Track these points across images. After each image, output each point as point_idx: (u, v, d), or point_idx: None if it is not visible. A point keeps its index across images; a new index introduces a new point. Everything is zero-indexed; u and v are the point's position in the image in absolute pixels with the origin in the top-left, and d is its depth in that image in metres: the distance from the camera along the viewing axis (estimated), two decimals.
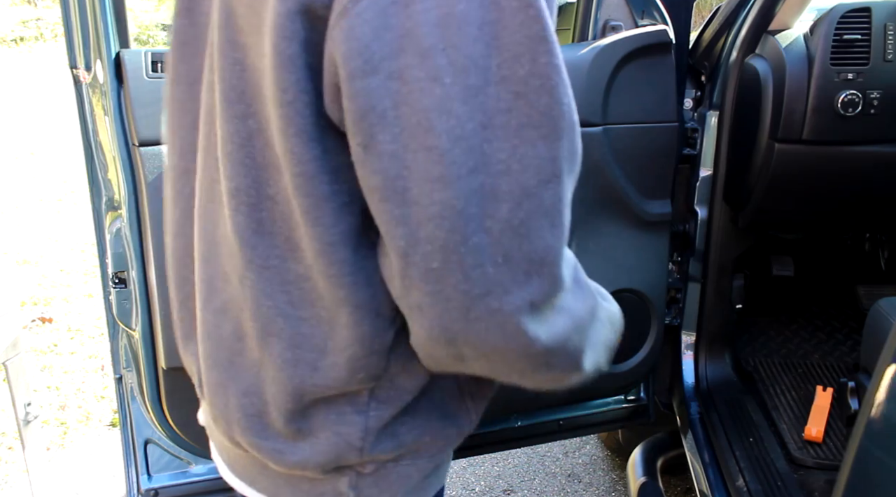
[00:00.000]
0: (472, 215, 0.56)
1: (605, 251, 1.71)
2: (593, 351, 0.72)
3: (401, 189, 0.56)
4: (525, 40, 0.56)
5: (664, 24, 1.66)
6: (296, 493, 0.78)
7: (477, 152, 0.55)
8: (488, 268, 0.57)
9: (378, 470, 0.75)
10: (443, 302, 0.58)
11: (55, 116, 6.80)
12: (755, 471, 1.66)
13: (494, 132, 0.56)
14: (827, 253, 2.38)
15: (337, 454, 0.72)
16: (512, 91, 0.56)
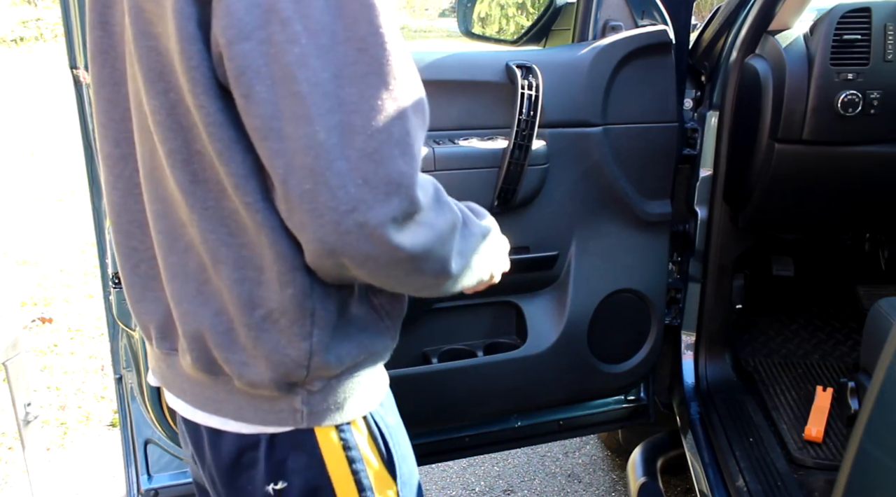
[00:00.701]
0: (333, 145, 0.71)
1: (605, 251, 1.71)
2: (461, 257, 0.86)
3: (276, 128, 0.72)
4: (360, 7, 0.72)
5: (664, 24, 1.66)
6: (258, 412, 0.91)
7: (332, 96, 0.71)
8: (350, 188, 0.72)
9: (324, 387, 0.91)
10: (317, 218, 0.73)
11: (55, 116, 6.80)
12: (755, 471, 1.66)
13: (345, 80, 0.72)
14: (827, 253, 2.38)
15: (286, 372, 0.87)
16: (356, 47, 0.72)
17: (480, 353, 1.70)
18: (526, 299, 1.71)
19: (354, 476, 0.96)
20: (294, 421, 0.92)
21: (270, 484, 0.94)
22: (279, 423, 0.92)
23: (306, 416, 0.92)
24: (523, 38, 2.15)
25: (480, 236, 0.93)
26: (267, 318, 0.85)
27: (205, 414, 0.96)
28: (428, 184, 0.81)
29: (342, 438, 0.95)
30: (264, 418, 0.93)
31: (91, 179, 1.57)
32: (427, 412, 1.71)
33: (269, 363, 0.87)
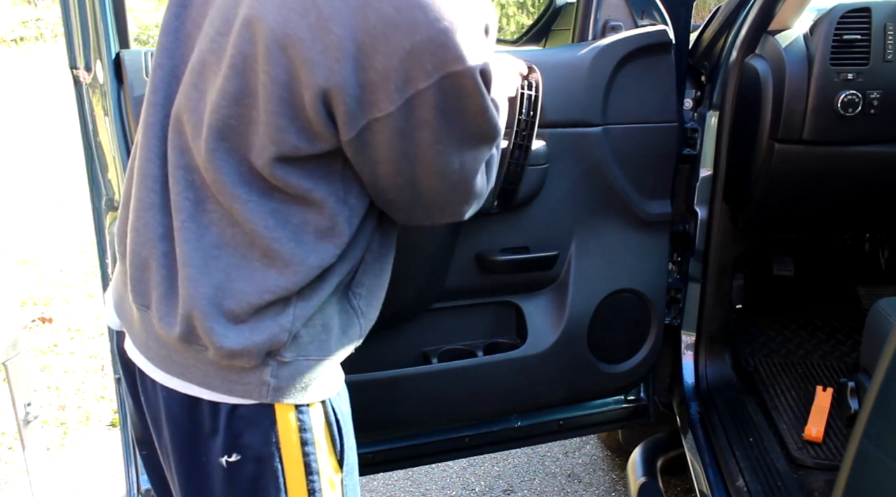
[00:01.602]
0: (450, 193, 1.02)
1: (605, 251, 1.71)
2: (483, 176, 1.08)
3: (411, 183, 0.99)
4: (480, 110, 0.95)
5: (664, 24, 1.66)
6: (224, 382, 0.98)
7: (458, 172, 0.99)
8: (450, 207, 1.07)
9: (293, 360, 0.98)
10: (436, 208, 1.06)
11: (55, 116, 6.80)
12: (755, 471, 1.67)
13: (467, 158, 0.99)
14: (827, 253, 2.38)
15: (271, 338, 0.96)
16: (477, 138, 0.98)
17: (480, 353, 1.70)
18: (526, 299, 1.71)
19: (304, 458, 1.01)
20: (260, 394, 0.98)
21: (224, 456, 1.00)
22: (245, 394, 0.98)
23: (272, 390, 0.98)
24: (523, 38, 2.15)
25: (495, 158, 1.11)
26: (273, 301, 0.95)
27: (167, 375, 1.01)
28: (488, 177, 1.07)
29: (300, 420, 1.01)
30: (230, 388, 0.98)
31: (91, 179, 1.57)
32: (427, 412, 1.71)
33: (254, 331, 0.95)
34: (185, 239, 0.95)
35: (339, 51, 0.85)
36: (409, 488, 2.38)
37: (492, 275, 1.64)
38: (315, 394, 1.02)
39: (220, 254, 0.95)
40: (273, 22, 0.86)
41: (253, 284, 0.95)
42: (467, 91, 0.90)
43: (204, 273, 0.95)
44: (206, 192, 0.95)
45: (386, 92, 0.87)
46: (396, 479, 2.40)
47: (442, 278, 1.60)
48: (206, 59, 0.93)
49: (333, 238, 0.97)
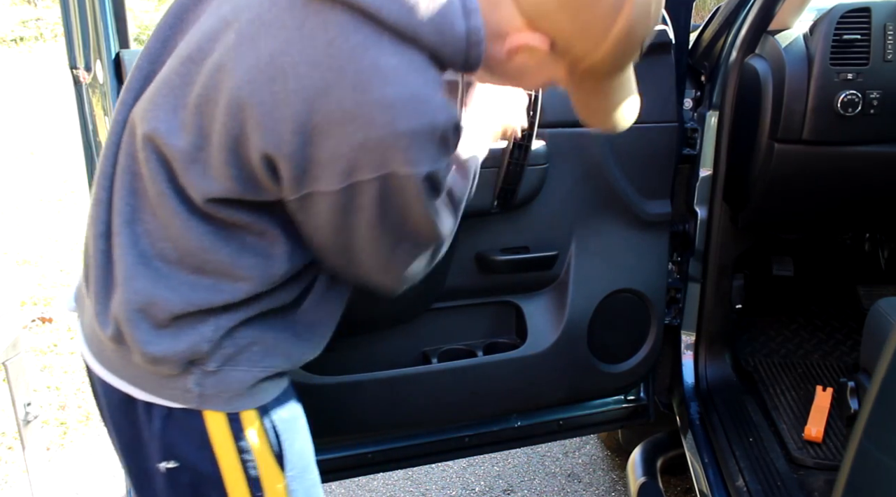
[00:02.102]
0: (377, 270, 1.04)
1: (605, 251, 1.71)
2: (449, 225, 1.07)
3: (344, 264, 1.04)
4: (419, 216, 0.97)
5: (664, 24, 1.66)
6: (152, 383, 1.00)
7: (388, 257, 1.00)
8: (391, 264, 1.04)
9: (219, 370, 0.99)
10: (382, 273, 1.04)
11: (55, 116, 6.79)
12: (755, 471, 1.66)
13: (398, 254, 1.01)
14: (827, 253, 2.38)
15: (192, 348, 0.97)
16: (411, 241, 1.01)
17: (480, 353, 1.70)
18: (526, 299, 1.71)
19: (243, 465, 1.03)
20: (185, 400, 1.00)
21: (163, 462, 1.02)
22: (172, 398, 1.00)
23: (197, 397, 1.00)
24: None
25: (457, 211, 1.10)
26: (199, 311, 0.97)
27: (105, 371, 1.04)
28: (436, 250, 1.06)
29: (232, 428, 1.02)
30: (159, 390, 1.00)
31: (91, 179, 1.57)
32: (427, 412, 1.71)
33: (175, 340, 0.97)
34: (119, 243, 0.98)
35: (294, 123, 0.86)
36: (409, 488, 2.38)
37: (492, 275, 1.64)
38: (246, 402, 1.03)
39: (148, 263, 0.97)
40: (240, 79, 0.88)
41: (178, 296, 0.96)
42: (409, 194, 0.91)
43: (132, 279, 0.96)
44: (146, 203, 0.97)
45: (331, 172, 0.88)
46: (396, 479, 2.40)
47: (442, 278, 1.60)
48: (171, 80, 0.94)
49: (271, 267, 0.98)
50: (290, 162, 0.89)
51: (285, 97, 0.86)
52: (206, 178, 0.92)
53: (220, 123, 0.89)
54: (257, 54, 0.87)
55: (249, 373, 1.01)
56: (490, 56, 0.94)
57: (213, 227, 0.95)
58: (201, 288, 0.97)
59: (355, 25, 0.85)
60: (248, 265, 0.97)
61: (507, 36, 0.93)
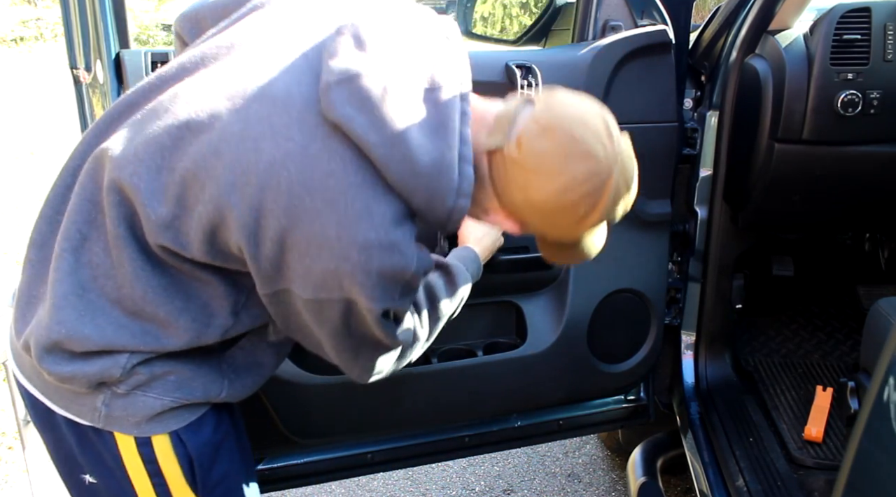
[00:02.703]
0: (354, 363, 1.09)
1: (605, 251, 1.70)
2: (436, 330, 1.21)
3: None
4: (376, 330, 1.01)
5: (664, 23, 1.66)
6: (62, 398, 1.01)
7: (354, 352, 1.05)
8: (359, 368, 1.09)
9: (129, 393, 0.99)
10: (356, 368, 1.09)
11: (55, 116, 6.79)
12: (755, 471, 1.66)
13: (361, 358, 1.07)
14: (827, 253, 2.38)
15: (102, 371, 0.97)
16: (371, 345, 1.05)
17: (480, 352, 1.70)
18: (526, 299, 1.71)
19: (155, 489, 1.04)
20: (92, 418, 1.00)
21: (87, 475, 1.05)
22: (80, 414, 1.01)
23: (103, 417, 1.00)
24: (523, 38, 2.15)
25: (457, 301, 1.24)
26: (119, 351, 0.97)
27: (25, 379, 1.05)
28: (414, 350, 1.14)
29: (141, 452, 1.02)
30: (68, 405, 1.01)
31: None
32: (427, 412, 1.71)
33: (86, 365, 0.96)
34: (57, 267, 0.96)
35: (275, 233, 0.89)
36: (409, 488, 2.37)
37: (492, 274, 1.64)
38: (154, 427, 1.02)
39: (83, 295, 0.96)
40: (232, 175, 0.89)
41: (101, 335, 0.96)
42: (369, 320, 0.96)
43: (60, 309, 0.95)
44: (101, 237, 0.96)
45: (302, 284, 0.92)
46: (396, 479, 2.40)
47: None
48: (162, 140, 0.93)
49: (205, 332, 0.99)
50: (266, 263, 0.92)
51: (273, 209, 0.88)
52: (179, 243, 0.94)
53: (204, 208, 0.91)
54: (257, 157, 0.88)
55: (159, 400, 1.01)
56: (472, 213, 1.01)
57: (164, 281, 0.95)
58: (129, 331, 0.96)
59: (358, 166, 0.88)
60: (184, 326, 0.97)
61: (487, 211, 1.01)
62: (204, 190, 0.90)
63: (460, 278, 1.22)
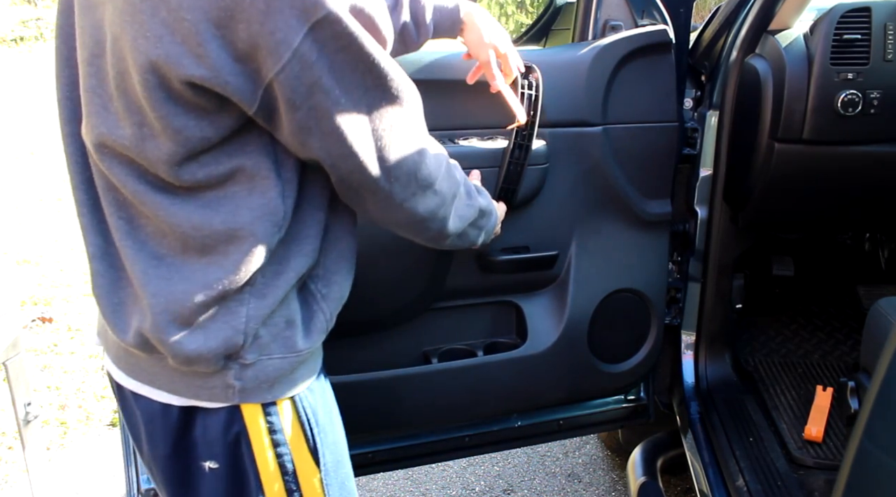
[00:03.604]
0: (374, 168, 0.96)
1: (605, 251, 1.71)
2: (458, 219, 1.11)
3: (329, 163, 0.95)
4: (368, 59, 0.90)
5: (664, 23, 1.66)
6: (190, 387, 0.99)
7: (367, 133, 0.94)
8: (387, 186, 0.98)
9: (256, 362, 0.98)
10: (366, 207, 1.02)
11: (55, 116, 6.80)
12: (755, 471, 1.66)
13: (374, 115, 0.94)
14: (827, 253, 2.38)
15: (226, 342, 0.95)
16: (377, 87, 0.93)
17: (480, 353, 1.70)
18: (526, 299, 1.71)
19: (278, 459, 1.02)
20: (226, 396, 0.98)
21: (207, 461, 1.02)
22: (211, 398, 0.99)
23: (238, 392, 0.98)
24: (523, 38, 2.15)
25: (475, 207, 1.16)
26: (221, 298, 0.95)
27: (138, 383, 1.03)
28: (441, 159, 1.05)
29: (269, 421, 1.01)
30: (197, 393, 0.99)
31: None
32: (427, 412, 1.71)
33: (207, 336, 0.94)
34: (125, 256, 0.97)
35: (197, 35, 0.82)
36: (409, 488, 2.37)
37: (492, 274, 1.64)
38: (281, 391, 1.01)
39: (160, 263, 0.95)
40: (131, 30, 0.84)
41: (195, 283, 0.94)
42: (342, 37, 0.86)
43: (147, 284, 0.95)
44: (135, 209, 0.95)
45: (263, 57, 0.84)
46: (396, 479, 2.40)
47: (442, 278, 1.60)
48: (90, 84, 0.92)
49: (269, 212, 0.95)
50: (221, 73, 0.84)
51: (174, 17, 0.82)
52: (162, 146, 0.89)
53: (139, 84, 0.86)
54: (135, 6, 0.84)
55: (284, 358, 1.00)
56: None
57: (197, 203, 0.93)
58: (213, 266, 0.94)
59: None
60: (246, 221, 0.94)
61: None
62: (131, 74, 0.87)
63: (481, 196, 1.20)
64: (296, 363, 1.02)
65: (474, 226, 1.17)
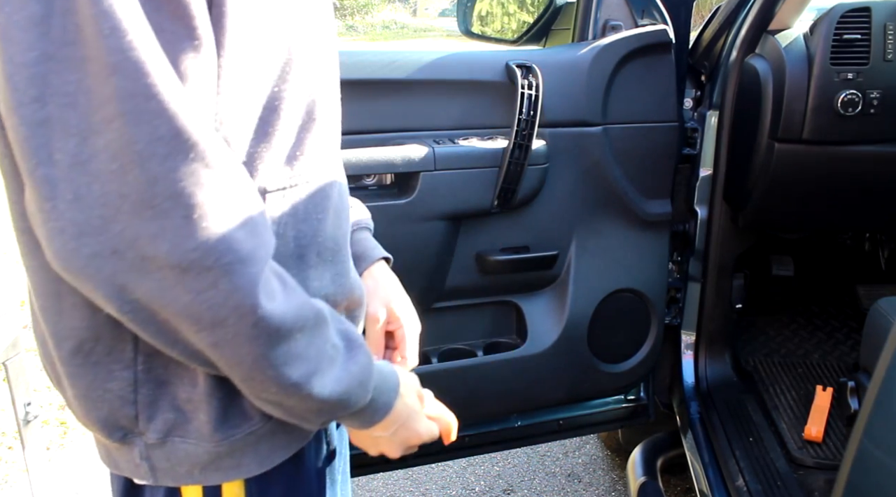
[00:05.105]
0: (38, 145, 0.55)
1: (605, 251, 1.71)
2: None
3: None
4: None
5: (664, 23, 1.66)
6: (108, 454, 0.79)
7: (40, 82, 0.55)
8: (59, 203, 0.56)
9: (164, 443, 0.72)
10: (41, 230, 0.58)
11: None
12: (755, 471, 1.66)
13: (60, 64, 0.55)
14: (827, 253, 2.38)
15: (110, 410, 0.70)
16: (76, 24, 0.54)
17: (480, 353, 1.70)
18: (526, 299, 1.71)
19: None
20: (139, 474, 0.76)
21: None
22: (129, 472, 0.77)
23: (150, 472, 0.74)
24: (523, 38, 2.15)
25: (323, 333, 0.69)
26: (78, 350, 0.68)
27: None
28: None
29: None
30: (115, 463, 0.78)
31: None
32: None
33: (89, 405, 0.71)
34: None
35: None
36: (409, 488, 2.37)
37: (492, 274, 1.64)
38: (221, 475, 0.74)
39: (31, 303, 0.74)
40: None
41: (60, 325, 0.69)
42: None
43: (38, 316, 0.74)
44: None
45: None
46: (396, 479, 2.40)
47: (442, 278, 1.60)
48: None
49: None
50: None
51: None
52: None
53: None
54: None
55: (201, 447, 0.72)
56: None
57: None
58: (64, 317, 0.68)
59: None
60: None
61: None
62: None
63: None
64: (215, 453, 0.73)
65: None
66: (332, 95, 0.78)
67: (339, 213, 0.80)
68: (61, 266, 0.59)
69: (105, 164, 0.55)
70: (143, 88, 0.55)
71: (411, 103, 1.52)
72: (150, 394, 0.70)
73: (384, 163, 1.45)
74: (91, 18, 0.54)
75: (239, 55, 0.63)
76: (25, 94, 0.55)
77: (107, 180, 0.55)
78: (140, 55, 0.55)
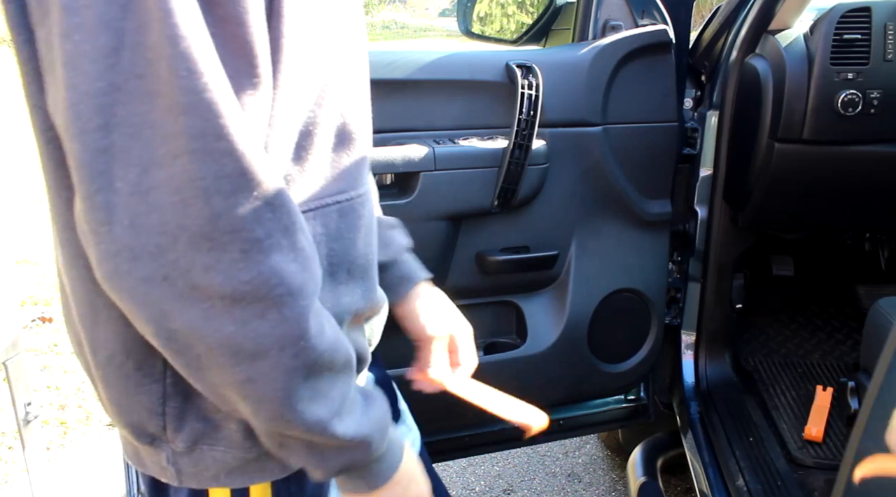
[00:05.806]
0: (99, 172, 0.57)
1: (605, 251, 1.71)
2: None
3: (59, 134, 0.61)
4: (156, 7, 0.55)
5: (664, 23, 1.66)
6: (128, 452, 0.80)
7: (106, 112, 0.56)
8: (116, 227, 0.58)
9: (192, 450, 0.74)
10: (93, 251, 0.60)
11: None
12: (755, 471, 1.66)
13: (127, 95, 0.56)
14: (827, 253, 2.38)
15: (139, 419, 0.72)
16: (147, 58, 0.56)
17: (480, 353, 1.70)
18: (526, 299, 1.71)
19: None
20: (166, 476, 0.76)
21: None
22: (155, 472, 0.78)
23: (175, 476, 0.76)
24: (523, 38, 2.15)
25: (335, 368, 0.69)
26: (110, 361, 0.70)
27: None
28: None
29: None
30: (142, 462, 0.79)
31: None
32: (427, 412, 1.70)
33: (119, 410, 0.73)
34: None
35: None
36: None
37: (492, 274, 1.64)
38: (247, 478, 0.76)
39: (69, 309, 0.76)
40: None
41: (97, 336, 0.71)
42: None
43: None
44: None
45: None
46: None
47: (442, 278, 1.60)
48: None
49: None
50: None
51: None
52: None
53: None
54: None
55: (230, 453, 0.74)
56: None
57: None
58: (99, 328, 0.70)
59: None
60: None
61: None
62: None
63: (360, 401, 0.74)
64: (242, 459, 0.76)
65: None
66: (363, 114, 0.79)
67: (370, 230, 0.82)
68: (110, 286, 0.61)
69: (166, 195, 0.57)
70: (213, 128, 0.57)
71: (411, 103, 1.52)
72: (178, 406, 0.72)
73: (384, 163, 1.45)
74: (167, 59, 0.55)
75: (288, 88, 0.65)
76: (90, 121, 0.56)
77: (166, 211, 0.57)
78: (213, 96, 0.57)
